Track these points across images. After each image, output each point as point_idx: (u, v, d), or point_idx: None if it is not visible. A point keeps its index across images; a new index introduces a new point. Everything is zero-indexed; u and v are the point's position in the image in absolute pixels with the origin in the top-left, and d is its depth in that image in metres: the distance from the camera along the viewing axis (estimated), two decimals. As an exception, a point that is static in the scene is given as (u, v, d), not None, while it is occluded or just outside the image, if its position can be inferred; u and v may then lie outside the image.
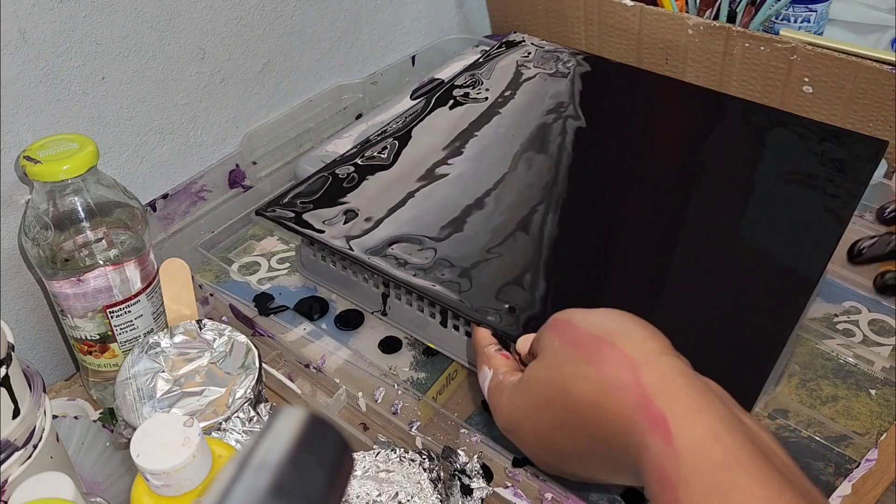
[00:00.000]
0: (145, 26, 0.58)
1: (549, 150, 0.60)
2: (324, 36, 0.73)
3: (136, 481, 0.35)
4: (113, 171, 0.59)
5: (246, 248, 0.65)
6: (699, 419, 0.31)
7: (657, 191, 0.58)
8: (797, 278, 0.49)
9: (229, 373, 0.45)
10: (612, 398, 0.34)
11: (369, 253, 0.51)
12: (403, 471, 0.43)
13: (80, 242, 0.48)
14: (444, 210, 0.55)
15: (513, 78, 0.69)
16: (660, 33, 0.73)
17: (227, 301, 0.56)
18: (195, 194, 0.64)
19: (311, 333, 0.56)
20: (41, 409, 0.40)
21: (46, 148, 0.48)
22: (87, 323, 0.51)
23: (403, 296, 0.53)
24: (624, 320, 0.37)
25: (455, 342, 0.52)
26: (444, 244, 0.52)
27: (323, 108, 0.74)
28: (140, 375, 0.45)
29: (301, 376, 0.53)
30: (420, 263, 0.50)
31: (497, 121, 0.64)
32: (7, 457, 0.38)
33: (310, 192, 0.57)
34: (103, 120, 0.57)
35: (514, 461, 0.46)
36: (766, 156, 0.59)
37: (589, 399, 0.35)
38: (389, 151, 0.61)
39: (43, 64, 0.52)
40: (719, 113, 0.64)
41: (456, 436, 0.47)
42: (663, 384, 0.33)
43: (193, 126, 0.65)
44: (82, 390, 0.56)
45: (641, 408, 0.32)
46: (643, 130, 0.64)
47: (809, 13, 0.74)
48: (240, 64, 0.66)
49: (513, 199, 0.56)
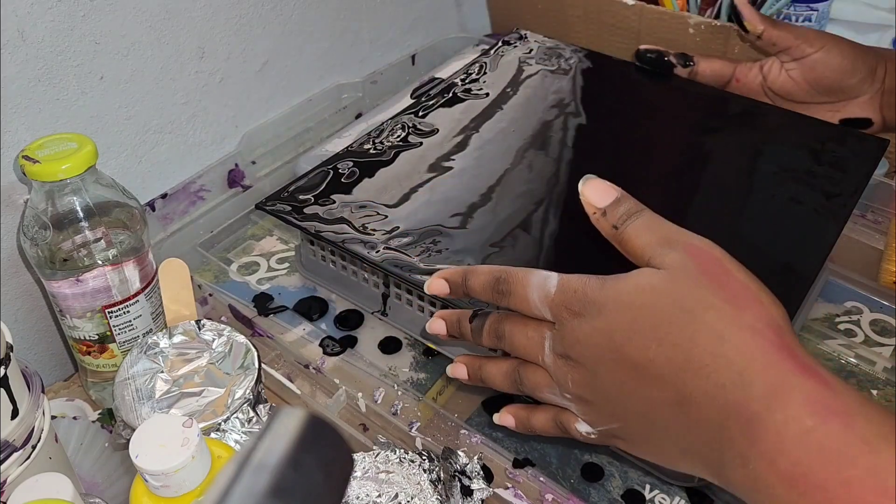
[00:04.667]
0: (144, 26, 0.57)
1: (550, 147, 0.60)
2: (323, 35, 0.73)
3: (135, 482, 0.34)
4: (112, 170, 0.59)
5: (245, 248, 0.65)
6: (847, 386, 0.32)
7: (657, 188, 0.58)
8: (795, 276, 0.49)
9: (228, 373, 0.45)
10: (745, 340, 0.32)
11: (368, 248, 0.51)
12: (403, 472, 0.43)
13: (78, 242, 0.48)
14: (445, 206, 0.55)
15: (515, 74, 0.69)
16: (660, 33, 0.73)
17: (226, 301, 0.56)
18: (194, 194, 0.64)
19: (311, 334, 0.56)
20: (40, 410, 0.40)
21: (45, 147, 0.47)
22: (85, 323, 0.51)
23: (404, 295, 0.53)
24: (766, 289, 0.35)
25: (455, 343, 0.51)
26: (445, 240, 0.52)
27: (322, 107, 0.74)
28: (139, 376, 0.45)
29: (300, 377, 0.53)
30: (419, 259, 0.50)
31: (499, 117, 0.64)
32: (6, 457, 0.38)
33: (310, 186, 0.57)
34: (102, 119, 0.57)
35: (514, 462, 0.46)
36: (766, 154, 0.59)
37: (717, 330, 0.33)
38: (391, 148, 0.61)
39: (42, 63, 0.52)
40: (720, 110, 0.64)
41: (456, 436, 0.47)
42: (804, 352, 0.33)
43: (192, 125, 0.65)
44: (81, 391, 0.56)
45: (786, 357, 0.32)
46: (644, 127, 0.64)
47: (810, 12, 0.74)
48: (239, 63, 0.66)
49: (514, 195, 0.56)
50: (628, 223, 0.37)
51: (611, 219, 0.38)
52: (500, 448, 0.46)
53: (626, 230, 0.37)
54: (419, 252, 0.51)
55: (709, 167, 0.59)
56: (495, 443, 0.47)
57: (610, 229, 0.38)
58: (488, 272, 0.40)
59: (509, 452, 0.46)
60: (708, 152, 0.61)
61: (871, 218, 0.63)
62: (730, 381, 0.32)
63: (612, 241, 0.38)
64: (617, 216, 0.37)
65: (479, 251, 0.51)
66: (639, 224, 0.37)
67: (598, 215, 0.38)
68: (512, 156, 0.59)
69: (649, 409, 0.35)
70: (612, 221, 0.37)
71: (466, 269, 0.41)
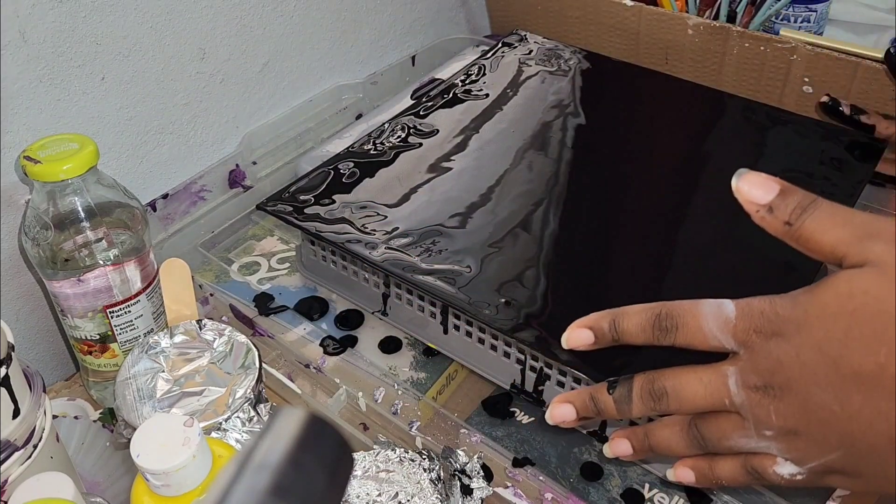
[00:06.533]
0: (145, 26, 0.58)
1: (549, 147, 0.60)
2: (324, 36, 0.73)
3: (136, 481, 0.35)
4: (113, 171, 0.59)
5: (246, 248, 0.65)
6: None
7: (656, 188, 0.58)
8: (795, 276, 0.49)
9: (229, 373, 0.45)
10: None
11: (369, 248, 0.52)
12: (403, 471, 0.43)
13: (80, 242, 0.48)
14: (445, 206, 0.55)
15: (514, 75, 0.69)
16: (659, 33, 0.73)
17: (227, 301, 0.56)
18: (195, 194, 0.64)
19: (311, 333, 0.56)
20: (41, 409, 0.40)
21: (46, 148, 0.47)
22: (87, 323, 0.51)
23: (404, 295, 0.53)
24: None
25: (455, 342, 0.52)
26: (445, 240, 0.52)
27: (323, 108, 0.74)
28: (140, 375, 0.45)
29: (301, 376, 0.53)
30: (419, 259, 0.50)
31: (499, 117, 0.64)
32: (7, 457, 0.38)
33: (311, 187, 0.57)
34: (103, 120, 0.57)
35: (513, 461, 0.46)
36: (765, 154, 0.60)
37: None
38: (391, 147, 0.61)
39: (43, 64, 0.52)
40: (719, 111, 0.64)
41: (456, 436, 0.47)
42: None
43: (193, 126, 0.65)
44: (82, 390, 0.56)
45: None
46: (643, 128, 0.64)
47: (809, 13, 0.74)
48: (240, 64, 0.66)
49: (514, 195, 0.56)
50: (805, 217, 0.33)
51: (781, 215, 0.34)
52: (500, 447, 0.47)
53: (806, 225, 0.33)
54: (419, 252, 0.51)
55: (708, 167, 0.59)
56: (495, 442, 0.47)
57: (782, 227, 0.34)
58: (644, 310, 0.37)
59: (509, 452, 0.47)
60: (707, 153, 0.61)
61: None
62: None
63: (784, 239, 0.34)
64: (789, 211, 0.34)
65: (478, 251, 0.51)
66: (821, 217, 0.33)
67: (762, 213, 0.34)
68: (512, 156, 0.60)
69: (882, 427, 0.31)
70: (784, 218, 0.34)
71: (614, 313, 0.38)
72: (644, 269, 0.52)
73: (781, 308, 0.33)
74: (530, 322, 0.46)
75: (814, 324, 0.32)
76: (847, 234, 0.32)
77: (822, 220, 0.33)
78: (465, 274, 0.50)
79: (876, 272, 0.31)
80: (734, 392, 0.34)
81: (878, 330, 0.30)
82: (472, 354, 0.51)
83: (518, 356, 0.49)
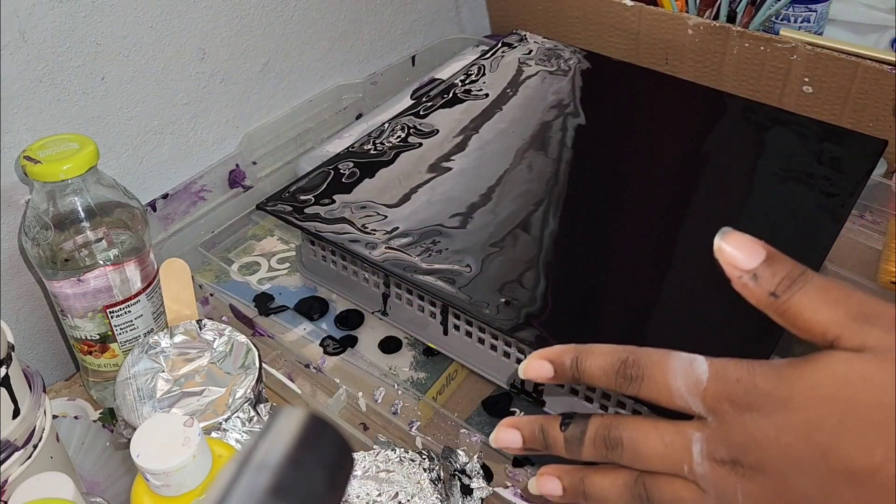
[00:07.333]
0: (145, 26, 0.58)
1: (549, 147, 0.60)
2: (324, 36, 0.73)
3: (136, 481, 0.35)
4: (113, 171, 0.59)
5: (246, 248, 0.65)
6: None
7: (656, 188, 0.58)
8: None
9: (229, 373, 0.45)
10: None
11: (369, 248, 0.52)
12: (403, 471, 0.43)
13: (80, 242, 0.48)
14: (445, 206, 0.55)
15: (514, 75, 0.69)
16: (659, 33, 0.73)
17: (227, 301, 0.56)
18: (195, 194, 0.64)
19: (311, 333, 0.56)
20: (41, 409, 0.40)
21: (46, 148, 0.48)
22: (87, 323, 0.51)
23: (404, 295, 0.53)
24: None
25: (455, 342, 0.52)
26: (445, 240, 0.52)
27: (323, 108, 0.74)
28: (140, 375, 0.45)
29: (301, 376, 0.53)
30: (420, 259, 0.50)
31: (499, 117, 0.64)
32: (7, 457, 0.38)
33: (311, 186, 0.57)
34: (103, 120, 0.57)
35: (513, 461, 0.46)
36: (765, 154, 0.60)
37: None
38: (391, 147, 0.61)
39: (43, 64, 0.52)
40: (719, 111, 0.64)
41: (456, 436, 0.47)
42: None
43: (193, 126, 0.65)
44: (82, 390, 0.56)
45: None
46: (643, 128, 0.64)
47: (809, 13, 0.74)
48: (240, 64, 0.66)
49: (514, 195, 0.56)
50: (794, 291, 0.30)
51: (766, 285, 0.31)
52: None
53: (794, 301, 0.30)
54: (419, 252, 0.51)
55: (708, 167, 0.59)
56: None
57: (766, 298, 0.31)
58: (610, 353, 0.34)
59: (508, 451, 0.46)
60: (707, 152, 0.61)
61: (869, 218, 0.63)
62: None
63: (766, 311, 0.31)
64: (776, 282, 0.30)
65: (478, 251, 0.51)
66: (812, 293, 0.30)
67: (744, 279, 0.31)
68: (511, 156, 0.60)
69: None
70: (770, 288, 0.30)
71: (579, 350, 0.35)
72: (644, 269, 0.52)
73: (762, 380, 0.30)
74: (530, 322, 0.46)
75: (801, 405, 0.29)
76: (841, 314, 0.29)
77: (814, 297, 0.30)
78: (465, 274, 0.50)
79: (877, 360, 0.28)
80: (697, 461, 0.31)
81: (877, 422, 0.28)
82: (472, 354, 0.51)
83: (518, 356, 0.49)
